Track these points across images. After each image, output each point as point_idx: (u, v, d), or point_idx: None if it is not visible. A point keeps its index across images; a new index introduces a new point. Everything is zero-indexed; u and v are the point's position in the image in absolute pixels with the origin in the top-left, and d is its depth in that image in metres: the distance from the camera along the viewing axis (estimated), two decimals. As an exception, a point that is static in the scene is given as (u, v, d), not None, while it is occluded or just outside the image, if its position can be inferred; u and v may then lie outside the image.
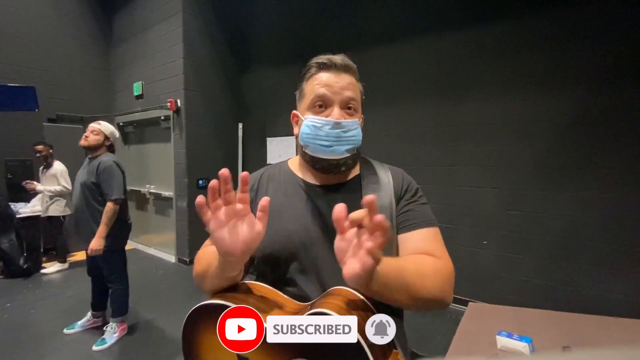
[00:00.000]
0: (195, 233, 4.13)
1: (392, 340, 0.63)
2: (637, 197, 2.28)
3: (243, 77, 4.60)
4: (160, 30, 4.22)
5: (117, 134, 2.46)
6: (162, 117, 4.24)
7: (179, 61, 3.99)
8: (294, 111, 0.84)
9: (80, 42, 4.81)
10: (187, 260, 4.09)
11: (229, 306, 0.69)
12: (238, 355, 0.68)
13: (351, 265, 0.52)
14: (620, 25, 2.29)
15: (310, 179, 0.82)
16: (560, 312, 2.48)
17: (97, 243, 2.17)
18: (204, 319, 0.73)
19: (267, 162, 4.37)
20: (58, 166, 3.64)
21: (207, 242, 0.85)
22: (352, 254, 0.53)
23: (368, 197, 0.50)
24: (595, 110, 2.39)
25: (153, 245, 4.79)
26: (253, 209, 0.84)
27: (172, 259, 4.32)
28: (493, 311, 1.97)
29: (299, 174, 0.85)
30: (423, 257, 0.69)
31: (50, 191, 3.53)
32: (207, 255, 0.76)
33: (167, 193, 4.38)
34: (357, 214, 0.53)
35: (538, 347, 2.02)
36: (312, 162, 0.78)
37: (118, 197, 2.23)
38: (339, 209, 0.53)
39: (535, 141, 2.63)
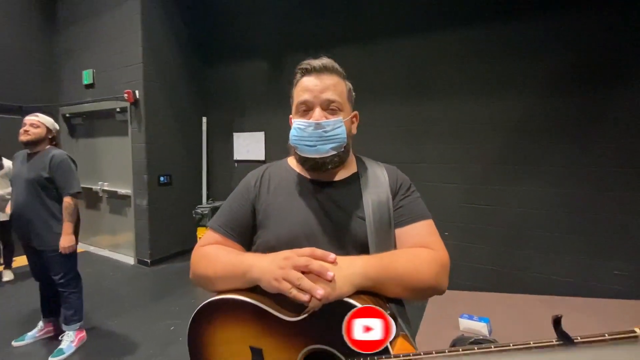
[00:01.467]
0: (156, 233, 3.91)
1: (399, 325, 0.68)
2: (575, 191, 2.60)
3: (207, 70, 4.43)
4: (114, 15, 3.90)
5: (57, 126, 2.30)
6: (118, 109, 3.94)
7: (136, 49, 3.73)
8: (290, 116, 0.87)
9: (19, 23, 4.27)
10: (148, 261, 3.87)
11: (246, 301, 0.70)
12: (251, 347, 0.69)
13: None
14: (566, 37, 2.57)
15: (311, 176, 0.85)
16: (512, 294, 2.76)
17: (67, 240, 2.09)
18: (217, 314, 0.72)
19: (234, 158, 4.27)
20: (10, 164, 3.21)
21: (208, 239, 0.84)
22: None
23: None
24: (543, 114, 2.67)
25: (107, 247, 4.46)
26: (256, 205, 0.84)
27: (130, 260, 4.06)
28: (454, 296, 2.15)
29: (300, 171, 0.87)
30: (418, 249, 0.75)
31: (10, 194, 3.06)
32: (220, 260, 0.76)
33: (124, 191, 4.09)
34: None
35: (495, 325, 2.24)
36: (302, 162, 0.83)
37: (78, 190, 2.15)
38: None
39: (490, 141, 2.86)
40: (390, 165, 0.90)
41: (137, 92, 3.74)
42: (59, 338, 2.25)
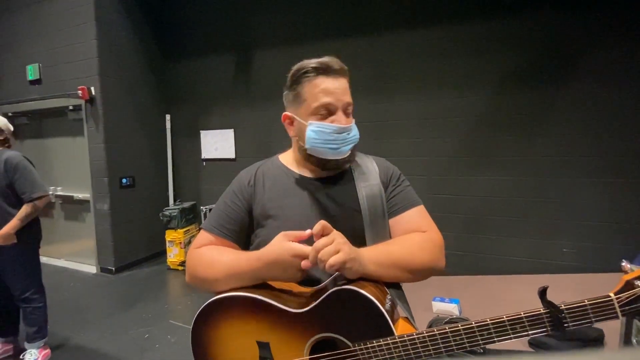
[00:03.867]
0: (120, 238, 3.69)
1: (398, 308, 0.74)
2: (526, 178, 2.86)
3: (170, 64, 4.22)
4: (62, 4, 3.58)
5: (10, 126, 2.11)
6: (71, 107, 3.65)
7: (90, 42, 3.46)
8: (286, 113, 0.86)
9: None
10: (113, 269, 3.65)
11: (250, 297, 0.71)
12: (258, 341, 0.71)
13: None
14: (518, 39, 2.81)
15: (307, 173, 0.88)
16: (476, 276, 2.98)
17: (9, 228, 1.89)
18: (222, 312, 0.73)
19: (202, 157, 4.14)
20: None
21: (202, 240, 0.84)
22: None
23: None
24: (499, 109, 2.90)
25: (64, 256, 4.13)
26: (253, 204, 0.85)
27: (92, 269, 3.80)
28: (426, 281, 2.29)
29: (295, 169, 0.89)
30: (410, 235, 0.80)
31: None
32: (226, 263, 0.76)
33: (82, 195, 3.81)
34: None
35: (464, 305, 2.40)
36: (320, 163, 0.83)
37: (44, 193, 1.99)
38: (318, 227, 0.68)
39: (453, 135, 3.06)
40: (379, 157, 0.94)
41: (92, 88, 3.49)
42: (20, 357, 2.07)
